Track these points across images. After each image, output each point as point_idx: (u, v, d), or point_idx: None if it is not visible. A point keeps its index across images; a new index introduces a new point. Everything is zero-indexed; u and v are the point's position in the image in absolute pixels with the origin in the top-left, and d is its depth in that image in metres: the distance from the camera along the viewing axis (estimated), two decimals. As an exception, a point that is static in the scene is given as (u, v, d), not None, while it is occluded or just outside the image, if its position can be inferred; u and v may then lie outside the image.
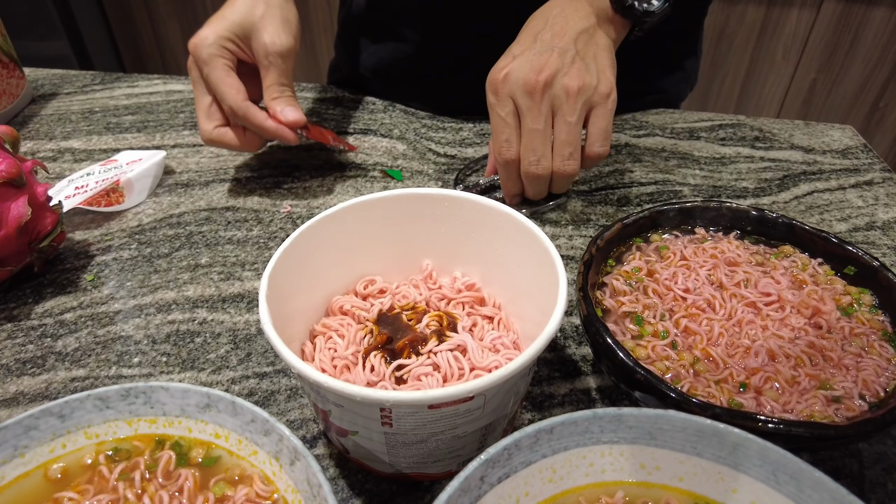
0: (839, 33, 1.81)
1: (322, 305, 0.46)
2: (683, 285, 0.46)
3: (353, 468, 0.42)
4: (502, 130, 0.59)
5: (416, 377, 0.40)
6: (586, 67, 0.56)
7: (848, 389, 0.39)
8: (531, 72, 0.56)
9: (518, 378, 0.35)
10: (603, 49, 0.59)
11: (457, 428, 0.35)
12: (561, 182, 0.60)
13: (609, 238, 0.48)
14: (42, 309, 0.54)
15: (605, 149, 0.58)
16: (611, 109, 0.57)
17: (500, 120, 0.58)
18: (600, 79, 0.57)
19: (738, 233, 0.51)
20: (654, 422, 0.32)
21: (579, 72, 0.56)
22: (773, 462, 0.31)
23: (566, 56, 0.56)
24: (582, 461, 0.33)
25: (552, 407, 0.46)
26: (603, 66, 0.58)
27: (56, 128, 0.80)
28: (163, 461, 0.34)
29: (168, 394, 0.35)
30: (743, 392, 0.39)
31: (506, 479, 0.31)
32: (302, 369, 0.33)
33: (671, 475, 0.33)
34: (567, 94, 0.55)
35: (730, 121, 0.81)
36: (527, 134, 0.57)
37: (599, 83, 0.56)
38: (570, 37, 0.58)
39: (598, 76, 0.57)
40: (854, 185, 0.70)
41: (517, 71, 0.57)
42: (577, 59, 0.56)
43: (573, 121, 0.56)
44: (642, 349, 0.42)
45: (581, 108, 0.56)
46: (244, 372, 0.48)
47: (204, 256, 0.59)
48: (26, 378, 0.48)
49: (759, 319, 0.44)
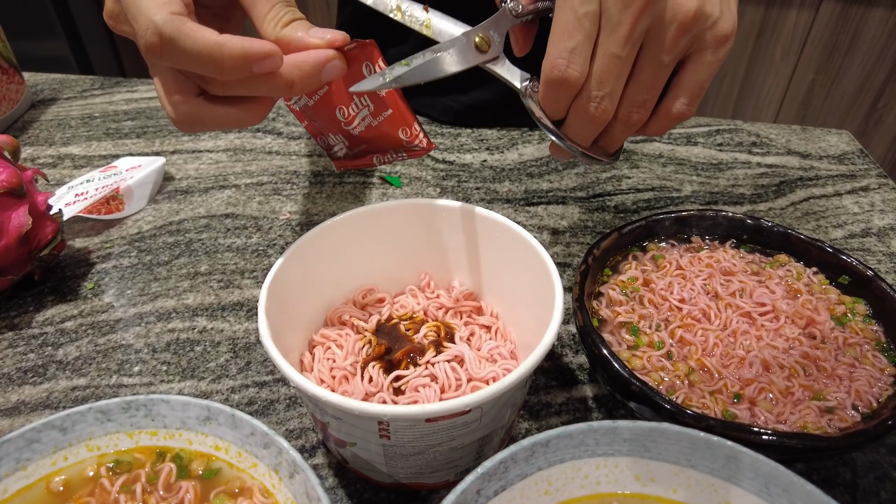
0: (838, 34, 1.81)
1: (321, 315, 0.46)
2: (679, 295, 0.46)
3: (351, 478, 0.42)
4: (571, 34, 0.39)
5: (413, 388, 0.40)
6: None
7: (841, 400, 0.39)
8: None
9: (514, 390, 0.35)
10: None
11: (454, 440, 0.36)
12: (618, 133, 0.43)
13: (605, 247, 0.48)
14: (43, 317, 0.54)
15: (691, 110, 0.43)
16: (720, 59, 0.42)
17: (573, 18, 0.39)
18: (724, 13, 0.41)
19: (733, 241, 0.52)
20: (648, 434, 0.33)
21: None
22: (765, 474, 0.31)
23: None
24: (577, 473, 0.33)
25: (549, 416, 0.46)
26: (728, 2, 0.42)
27: (56, 133, 0.80)
28: (164, 473, 0.34)
29: (169, 406, 0.35)
30: (737, 403, 0.40)
31: (502, 492, 0.32)
32: (301, 383, 0.33)
33: (665, 487, 0.33)
34: (676, 16, 0.39)
35: (727, 126, 0.81)
36: (604, 57, 0.40)
37: (721, 18, 0.40)
38: None
39: (720, 9, 0.41)
40: (850, 191, 0.70)
41: None
42: None
43: (667, 60, 0.40)
44: (638, 360, 0.42)
45: (684, 44, 0.40)
46: (243, 381, 0.49)
47: (203, 264, 0.60)
48: (27, 387, 0.48)
49: (754, 329, 0.44)
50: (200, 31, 0.33)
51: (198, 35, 0.33)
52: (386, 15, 0.44)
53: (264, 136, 0.79)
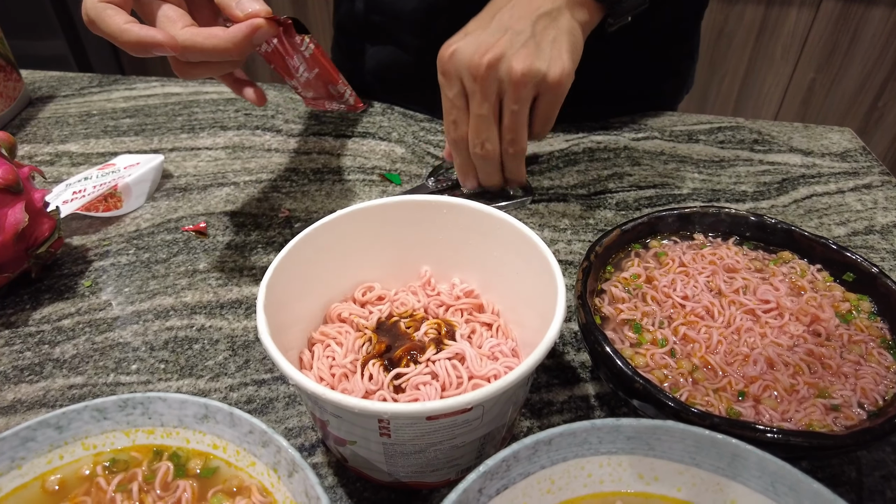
0: (838, 33, 1.81)
1: (320, 313, 0.46)
2: (682, 292, 0.46)
3: (351, 476, 0.42)
4: (449, 112, 0.57)
5: (414, 386, 0.40)
6: (538, 51, 0.53)
7: (846, 398, 0.39)
8: (476, 53, 0.53)
9: (516, 388, 0.35)
10: (565, 32, 0.55)
11: (455, 438, 0.35)
12: (510, 163, 0.59)
13: (608, 244, 0.48)
14: (40, 315, 0.54)
15: (545, 131, 0.58)
16: (558, 97, 0.55)
17: (447, 101, 0.57)
18: (551, 65, 0.53)
19: (736, 238, 0.51)
20: (652, 432, 0.32)
21: (528, 55, 0.52)
22: (771, 473, 0.31)
23: (519, 38, 0.53)
24: (580, 472, 0.33)
25: (551, 414, 0.46)
26: (560, 50, 0.54)
27: (53, 131, 0.80)
28: (161, 472, 0.34)
29: (166, 405, 0.35)
30: (741, 400, 0.39)
31: (504, 491, 0.31)
32: (300, 381, 0.32)
33: (669, 485, 0.33)
34: (510, 78, 0.52)
35: (728, 123, 0.81)
36: (473, 118, 0.56)
37: (550, 69, 0.53)
38: (530, 18, 0.54)
39: (549, 62, 0.53)
40: (853, 188, 0.70)
41: (463, 50, 0.54)
42: (531, 42, 0.53)
43: (516, 108, 0.54)
44: (641, 357, 0.42)
45: (527, 94, 0.54)
46: (242, 379, 0.48)
47: (202, 262, 0.59)
48: (24, 385, 0.48)
49: (758, 327, 0.44)
50: (112, 19, 0.42)
51: (109, 21, 0.42)
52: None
53: (263, 133, 0.79)
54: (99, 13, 0.43)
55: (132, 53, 0.43)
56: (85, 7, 0.43)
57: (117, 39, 0.42)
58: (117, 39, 0.42)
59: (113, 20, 0.42)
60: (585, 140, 0.77)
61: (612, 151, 0.75)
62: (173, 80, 0.92)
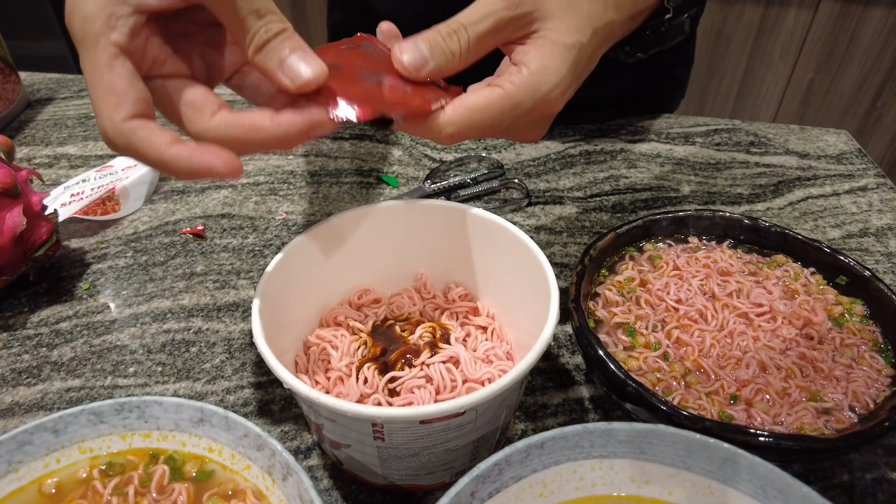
0: (837, 33, 1.81)
1: (316, 316, 0.46)
2: (676, 296, 0.46)
3: (346, 479, 0.42)
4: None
5: (408, 389, 0.40)
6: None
7: (838, 401, 0.39)
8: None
9: (510, 392, 0.35)
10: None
11: (449, 441, 0.35)
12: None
13: (602, 248, 0.48)
14: (38, 318, 0.54)
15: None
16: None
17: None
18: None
19: (731, 242, 0.51)
20: (643, 436, 0.33)
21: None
22: (762, 477, 0.31)
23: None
24: (572, 475, 0.33)
25: (545, 417, 0.46)
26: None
27: (52, 133, 0.80)
28: (157, 475, 0.34)
29: (162, 408, 0.35)
30: (734, 404, 0.39)
31: (496, 495, 0.31)
32: (294, 385, 0.33)
33: (661, 489, 0.33)
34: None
35: (725, 125, 0.81)
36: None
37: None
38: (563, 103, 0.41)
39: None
40: (848, 190, 0.70)
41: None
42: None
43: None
44: (634, 360, 0.42)
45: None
46: (239, 382, 0.48)
47: (199, 265, 0.59)
48: (21, 388, 0.48)
49: (751, 330, 0.44)
50: (150, 143, 0.33)
51: (146, 147, 0.33)
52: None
53: (261, 135, 0.79)
54: (129, 138, 0.33)
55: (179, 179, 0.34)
56: (104, 132, 0.33)
57: (163, 168, 0.33)
58: (163, 168, 0.33)
59: (152, 144, 0.33)
60: (582, 143, 0.77)
61: (609, 154, 0.75)
62: (172, 83, 0.92)
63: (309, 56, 0.34)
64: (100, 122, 0.33)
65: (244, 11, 0.33)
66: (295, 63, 0.34)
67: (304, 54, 0.34)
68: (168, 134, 0.33)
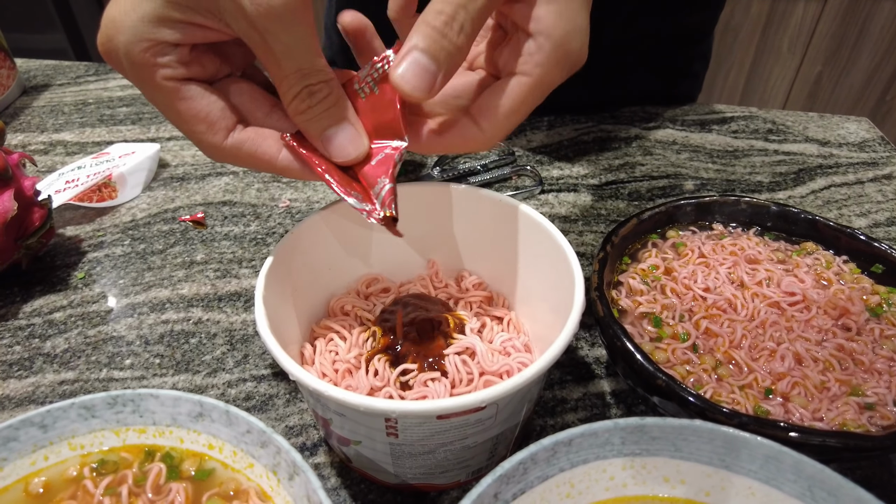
0: (846, 25, 1.78)
1: (322, 305, 0.44)
2: (703, 284, 0.44)
3: (355, 478, 0.40)
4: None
5: (422, 383, 0.37)
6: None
7: (881, 395, 0.36)
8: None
9: (532, 385, 0.32)
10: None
11: (466, 438, 0.33)
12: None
13: (624, 234, 0.45)
14: (30, 308, 0.52)
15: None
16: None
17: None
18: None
19: (757, 229, 0.49)
20: (678, 432, 0.30)
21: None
22: (809, 477, 0.28)
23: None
24: (602, 475, 0.31)
25: (565, 412, 0.43)
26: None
27: (48, 120, 0.77)
28: (152, 474, 0.32)
29: (158, 402, 0.32)
30: (769, 398, 0.37)
31: (521, 496, 0.29)
32: (300, 376, 0.30)
33: (697, 490, 0.31)
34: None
35: (742, 113, 0.79)
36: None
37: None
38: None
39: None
40: (872, 178, 0.68)
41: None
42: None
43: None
44: (661, 352, 0.39)
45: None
46: (241, 375, 0.46)
47: (199, 253, 0.57)
48: (12, 381, 0.46)
49: (784, 320, 0.41)
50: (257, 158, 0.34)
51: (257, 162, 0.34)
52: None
53: (263, 122, 0.76)
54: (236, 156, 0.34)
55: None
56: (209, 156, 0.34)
57: (278, 173, 0.35)
58: (278, 173, 0.35)
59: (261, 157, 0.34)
60: (595, 129, 0.74)
61: (623, 141, 0.73)
62: (171, 69, 0.89)
63: (351, 133, 0.34)
64: (201, 149, 0.34)
65: (287, 70, 0.31)
66: (337, 139, 0.33)
67: (346, 129, 0.33)
68: (273, 143, 0.34)
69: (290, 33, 0.30)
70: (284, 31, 0.29)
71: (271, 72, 0.32)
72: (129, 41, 0.30)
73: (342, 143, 0.33)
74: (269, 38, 0.30)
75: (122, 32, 0.30)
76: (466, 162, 0.68)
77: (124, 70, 0.32)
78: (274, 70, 0.31)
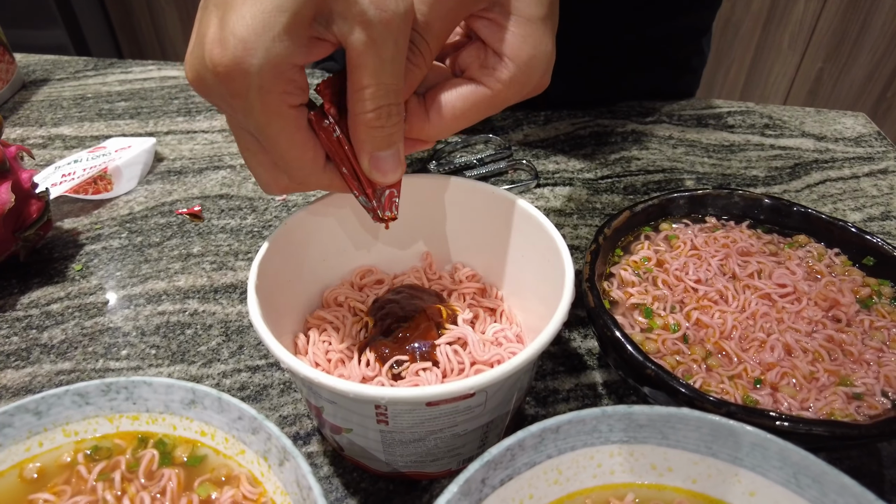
0: (847, 21, 1.78)
1: (316, 296, 0.44)
2: (694, 276, 0.44)
3: (348, 466, 0.40)
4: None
5: (413, 372, 0.38)
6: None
7: (869, 386, 0.37)
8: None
9: (521, 373, 0.33)
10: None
11: (457, 426, 0.33)
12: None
13: (617, 226, 0.46)
14: (28, 299, 0.52)
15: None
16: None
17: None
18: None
19: (750, 221, 0.49)
20: (666, 420, 0.30)
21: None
22: (794, 464, 0.29)
23: None
24: (589, 462, 0.31)
25: (556, 402, 0.44)
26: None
27: (47, 114, 0.78)
28: (145, 460, 0.32)
29: (151, 389, 0.33)
30: (758, 388, 0.37)
31: (508, 482, 0.29)
32: (292, 364, 0.31)
33: (684, 477, 0.31)
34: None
35: (738, 108, 0.79)
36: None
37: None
38: None
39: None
40: (868, 173, 0.68)
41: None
42: None
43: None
44: (652, 343, 0.40)
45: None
46: (236, 365, 0.46)
47: (196, 246, 0.57)
48: (9, 371, 0.46)
49: (774, 312, 0.41)
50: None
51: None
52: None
53: (261, 116, 0.76)
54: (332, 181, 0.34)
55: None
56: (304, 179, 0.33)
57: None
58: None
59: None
60: (592, 124, 0.75)
61: (619, 135, 0.73)
62: (170, 64, 0.89)
63: (398, 159, 0.33)
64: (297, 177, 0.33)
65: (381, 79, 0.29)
66: (387, 162, 0.33)
67: (396, 154, 0.33)
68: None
69: (398, 45, 0.29)
70: (394, 42, 0.28)
71: (360, 80, 0.29)
72: (264, 65, 0.27)
73: (390, 166, 0.33)
74: (378, 45, 0.28)
75: (255, 55, 0.27)
76: (463, 156, 0.68)
77: (243, 95, 0.28)
78: (366, 79, 0.29)
